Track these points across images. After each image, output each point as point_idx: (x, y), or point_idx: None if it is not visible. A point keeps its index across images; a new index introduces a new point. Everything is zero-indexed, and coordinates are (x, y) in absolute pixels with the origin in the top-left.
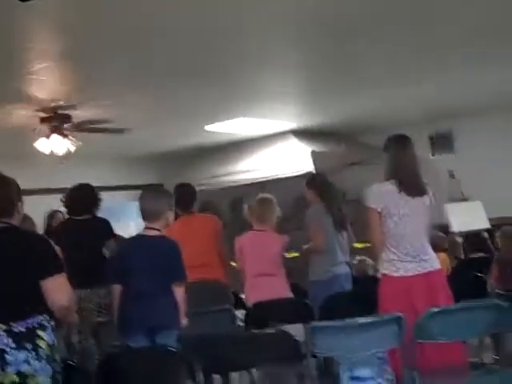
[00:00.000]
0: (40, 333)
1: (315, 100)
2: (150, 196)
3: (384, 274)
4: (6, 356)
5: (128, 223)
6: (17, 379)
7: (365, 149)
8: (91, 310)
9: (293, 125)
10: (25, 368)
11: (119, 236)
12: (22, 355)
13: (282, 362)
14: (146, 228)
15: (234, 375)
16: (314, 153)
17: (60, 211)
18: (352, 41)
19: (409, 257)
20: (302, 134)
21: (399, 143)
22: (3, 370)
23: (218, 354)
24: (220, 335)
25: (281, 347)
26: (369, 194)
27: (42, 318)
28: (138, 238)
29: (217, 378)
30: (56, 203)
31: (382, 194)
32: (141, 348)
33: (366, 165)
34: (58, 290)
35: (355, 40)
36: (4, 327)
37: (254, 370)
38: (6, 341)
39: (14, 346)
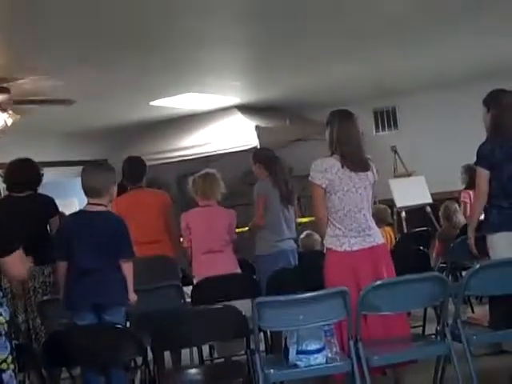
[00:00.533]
0: None
1: (260, 75)
2: (92, 171)
3: (329, 249)
4: None
5: (72, 200)
6: None
7: (310, 124)
8: (36, 288)
9: (237, 100)
10: None
11: (63, 213)
12: None
13: (230, 337)
14: (90, 204)
15: (185, 351)
16: (258, 127)
17: None
18: (298, 16)
19: (353, 232)
20: (246, 109)
21: (342, 118)
22: None
23: (167, 331)
24: (168, 312)
25: (228, 323)
26: (313, 169)
27: None
28: (82, 214)
29: (167, 354)
30: None
31: (326, 170)
32: (88, 325)
33: (311, 140)
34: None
35: (301, 15)
36: None
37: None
38: None
39: None
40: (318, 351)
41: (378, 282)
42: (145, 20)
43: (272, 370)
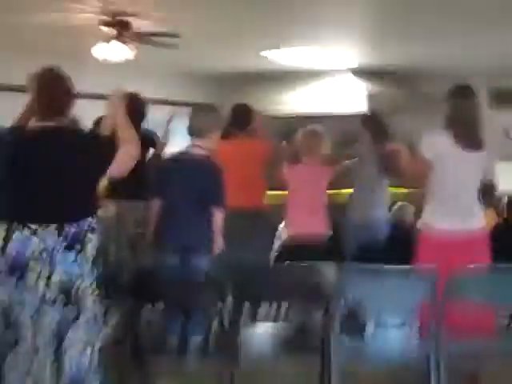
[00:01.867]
0: (89, 235)
1: (380, 38)
2: (200, 112)
3: (425, 225)
4: (56, 255)
5: (175, 138)
6: (64, 278)
7: (423, 96)
8: (130, 221)
9: (352, 62)
10: (73, 268)
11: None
12: (70, 256)
13: (310, 298)
14: (193, 145)
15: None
16: (369, 93)
17: None
18: None
19: (454, 212)
20: (359, 72)
21: (459, 94)
22: (52, 268)
23: (250, 282)
24: (253, 264)
25: (311, 284)
26: (422, 142)
27: (91, 221)
28: (182, 156)
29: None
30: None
31: (435, 144)
32: (174, 266)
33: (421, 112)
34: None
35: None
36: (56, 226)
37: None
38: (56, 240)
39: (64, 245)
40: (397, 327)
41: (471, 267)
42: None
43: (350, 340)
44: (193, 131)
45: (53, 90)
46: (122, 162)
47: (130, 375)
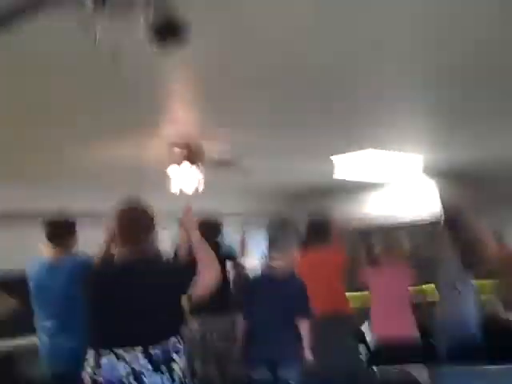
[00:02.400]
0: (174, 356)
1: (449, 141)
2: (280, 227)
3: None
4: (144, 378)
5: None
6: None
7: (496, 196)
8: (214, 337)
9: (421, 165)
10: None
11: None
12: (157, 378)
13: None
14: (273, 260)
15: None
16: (442, 196)
17: None
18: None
19: None
20: (431, 175)
21: None
22: None
23: None
24: (346, 375)
25: None
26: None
27: (175, 341)
28: (266, 272)
29: None
30: None
31: None
32: (264, 381)
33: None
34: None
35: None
36: (142, 349)
37: None
38: (143, 362)
39: (150, 368)
40: None
41: None
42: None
43: None
44: (273, 246)
45: (135, 226)
46: (204, 284)
47: None
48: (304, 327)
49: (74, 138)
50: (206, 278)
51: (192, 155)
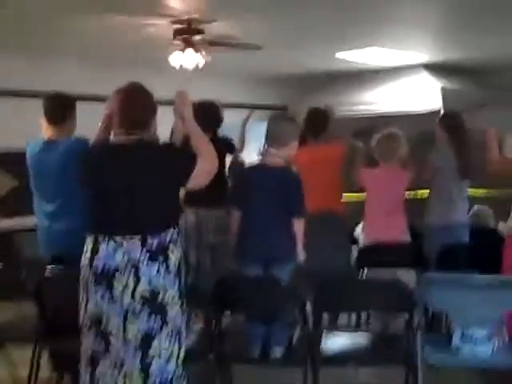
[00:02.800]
0: (171, 246)
1: (452, 32)
2: (279, 122)
3: None
4: (141, 267)
5: (249, 143)
6: (148, 290)
7: (499, 90)
8: (209, 229)
9: (425, 58)
10: (156, 280)
11: (240, 159)
12: (154, 267)
13: (393, 309)
14: (270, 155)
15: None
16: (444, 89)
17: None
18: None
19: None
20: (433, 68)
21: None
22: (137, 280)
23: (330, 293)
24: (334, 273)
25: (393, 295)
26: (507, 141)
27: (173, 232)
28: (260, 167)
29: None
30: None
31: None
32: (255, 277)
33: (497, 108)
34: (199, 175)
35: None
36: (140, 238)
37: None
38: (141, 252)
39: (147, 256)
40: (485, 340)
41: None
42: None
43: (433, 351)
44: (271, 141)
45: (134, 107)
46: (201, 175)
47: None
48: (297, 225)
49: (73, 9)
50: (204, 169)
51: (193, 34)
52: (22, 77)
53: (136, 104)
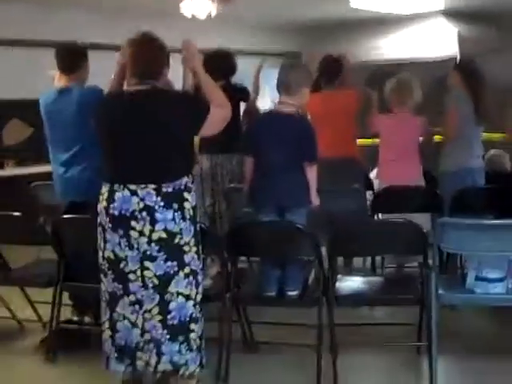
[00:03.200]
0: (185, 194)
1: None
2: (290, 69)
3: None
4: (156, 213)
5: (263, 90)
6: (164, 236)
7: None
8: (224, 175)
9: (442, 4)
10: (172, 226)
11: (256, 105)
12: (169, 214)
13: (407, 251)
14: (282, 102)
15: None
16: (460, 35)
17: None
18: None
19: None
20: (450, 14)
21: None
22: (153, 226)
23: (345, 237)
24: (348, 217)
25: (408, 237)
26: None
27: (187, 180)
28: (272, 114)
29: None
30: None
31: None
32: (269, 221)
33: None
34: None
35: None
36: (154, 186)
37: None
38: (155, 199)
39: (162, 204)
40: (499, 280)
41: None
42: None
43: (447, 291)
44: (283, 88)
45: (146, 57)
46: (214, 124)
47: (230, 326)
48: (311, 171)
49: None
50: (216, 116)
51: None
52: (35, 27)
53: (148, 54)
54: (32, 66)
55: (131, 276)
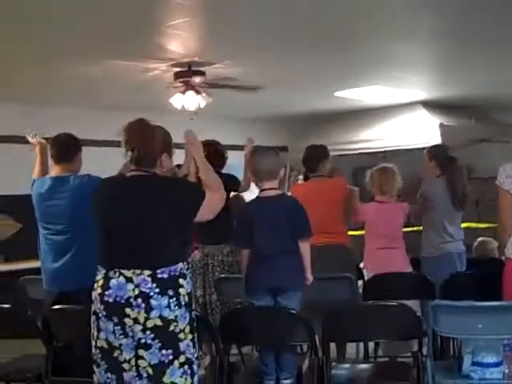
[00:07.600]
0: (181, 280)
1: (448, 71)
2: (265, 156)
3: (509, 258)
4: (151, 300)
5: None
6: (159, 323)
7: (496, 125)
8: (215, 265)
9: (423, 95)
10: (167, 313)
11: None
12: (164, 300)
13: (402, 337)
14: (265, 189)
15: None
16: (442, 125)
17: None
18: (488, 10)
19: None
20: (431, 105)
21: None
22: (148, 313)
23: (338, 322)
24: (341, 303)
25: (402, 322)
26: (501, 173)
27: (182, 266)
28: (261, 200)
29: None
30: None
31: None
32: (264, 307)
33: (496, 142)
34: (208, 207)
35: (491, 9)
36: (149, 272)
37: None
38: (151, 285)
39: (157, 291)
40: (495, 365)
41: None
42: (335, 16)
43: (443, 379)
44: (262, 174)
45: (140, 144)
46: (209, 208)
47: None
48: (305, 247)
49: (72, 56)
50: (212, 201)
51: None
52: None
53: (141, 141)
54: (20, 162)
55: (125, 365)
